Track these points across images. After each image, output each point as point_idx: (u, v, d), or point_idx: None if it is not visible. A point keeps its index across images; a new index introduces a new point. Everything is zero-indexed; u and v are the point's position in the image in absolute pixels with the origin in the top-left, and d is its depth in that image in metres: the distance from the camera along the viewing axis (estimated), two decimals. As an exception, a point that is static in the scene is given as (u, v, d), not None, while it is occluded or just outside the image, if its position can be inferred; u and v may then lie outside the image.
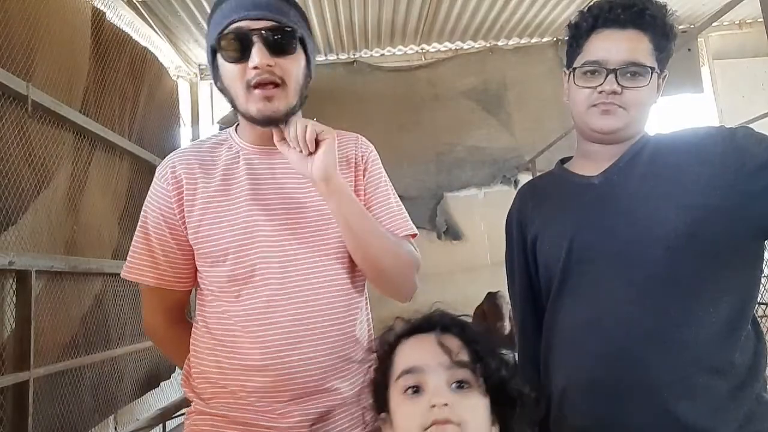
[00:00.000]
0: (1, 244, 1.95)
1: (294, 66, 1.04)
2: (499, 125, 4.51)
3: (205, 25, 3.79)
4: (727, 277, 0.99)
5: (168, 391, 3.36)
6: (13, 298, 2.05)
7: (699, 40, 4.48)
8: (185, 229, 1.09)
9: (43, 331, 2.13)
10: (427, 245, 4.28)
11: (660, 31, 1.06)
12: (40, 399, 2.07)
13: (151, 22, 3.51)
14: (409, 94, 4.53)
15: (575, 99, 1.10)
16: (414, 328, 0.86)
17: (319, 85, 1.12)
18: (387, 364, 0.85)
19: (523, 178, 4.33)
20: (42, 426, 2.08)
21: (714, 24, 3.65)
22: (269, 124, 1.05)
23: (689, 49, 4.34)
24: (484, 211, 4.40)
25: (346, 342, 1.09)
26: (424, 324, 0.85)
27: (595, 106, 1.06)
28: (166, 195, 1.09)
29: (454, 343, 0.81)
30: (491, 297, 3.37)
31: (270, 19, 1.00)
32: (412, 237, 1.26)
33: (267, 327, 1.03)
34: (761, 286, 1.07)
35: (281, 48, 1.01)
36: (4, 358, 1.96)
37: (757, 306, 1.05)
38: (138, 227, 1.14)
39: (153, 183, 1.12)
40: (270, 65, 1.00)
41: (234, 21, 1.00)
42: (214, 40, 1.04)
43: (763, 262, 1.05)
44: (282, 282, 1.04)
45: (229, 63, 1.02)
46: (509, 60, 4.58)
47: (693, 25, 4.38)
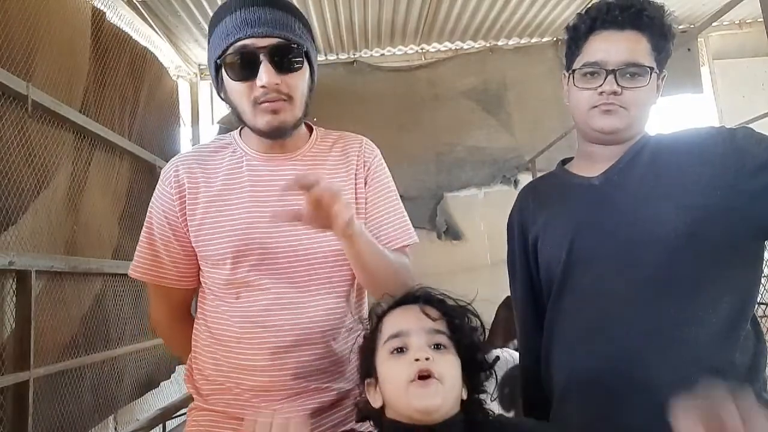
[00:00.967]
0: (1, 244, 1.95)
1: (300, 81, 1.04)
2: (499, 125, 4.51)
3: (205, 25, 3.81)
4: (727, 277, 0.99)
5: (168, 391, 3.35)
6: (13, 298, 2.05)
7: (699, 40, 4.48)
8: (188, 231, 1.10)
9: (43, 331, 2.13)
10: (427, 245, 4.28)
11: (658, 31, 1.06)
12: (40, 399, 2.07)
13: (151, 22, 3.51)
14: (409, 94, 4.52)
15: (576, 101, 1.11)
16: (400, 301, 0.97)
17: (319, 85, 1.12)
18: (375, 333, 0.95)
19: (523, 178, 4.33)
20: (42, 426, 2.08)
21: (714, 24, 3.65)
22: (277, 136, 1.06)
23: (689, 49, 4.34)
24: (484, 211, 4.40)
25: (342, 346, 1.11)
26: (409, 297, 0.97)
27: (596, 107, 1.06)
28: (170, 197, 1.10)
29: (433, 312, 0.93)
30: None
31: (276, 36, 1.00)
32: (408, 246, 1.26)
33: (264, 329, 1.04)
34: (761, 286, 1.07)
35: (288, 65, 1.01)
36: (4, 358, 1.96)
37: (757, 306, 1.05)
38: (144, 227, 1.16)
39: (158, 185, 1.14)
40: (277, 84, 1.00)
41: (240, 39, 0.99)
42: (219, 57, 1.03)
43: (763, 262, 1.06)
44: (280, 288, 1.06)
45: (234, 81, 1.02)
46: (509, 60, 4.58)
47: (693, 25, 4.37)
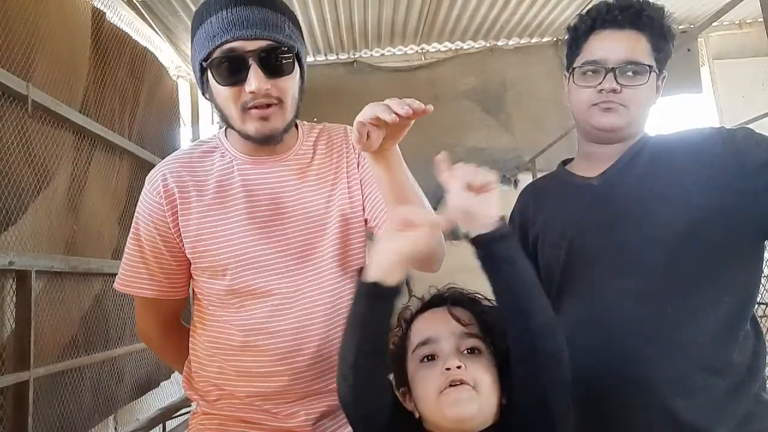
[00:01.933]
0: (1, 244, 1.95)
1: (290, 84, 0.99)
2: (499, 125, 4.51)
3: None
4: (726, 277, 1.00)
5: (168, 391, 3.35)
6: (13, 298, 2.05)
7: (699, 40, 4.47)
8: (181, 241, 1.05)
9: (43, 331, 2.13)
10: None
11: (658, 31, 1.07)
12: (40, 399, 2.07)
13: (151, 22, 3.50)
14: (409, 94, 4.42)
15: (576, 99, 1.11)
16: (427, 304, 0.93)
17: (319, 85, 1.12)
18: (404, 340, 0.91)
19: (523, 178, 4.33)
20: (42, 426, 2.08)
21: (714, 24, 3.65)
22: (266, 142, 1.02)
23: (689, 49, 4.34)
24: (484, 211, 4.39)
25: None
26: (437, 299, 0.92)
27: (596, 104, 1.07)
28: (159, 207, 1.04)
29: (464, 314, 0.88)
30: None
31: (266, 39, 0.94)
32: None
33: (270, 335, 1.03)
34: (761, 286, 1.07)
35: (278, 69, 0.96)
36: (4, 358, 1.96)
37: (756, 306, 1.05)
38: (130, 238, 1.10)
39: (143, 194, 1.07)
40: (267, 88, 0.95)
41: (227, 41, 0.93)
42: (204, 59, 0.96)
43: (763, 262, 1.06)
44: (284, 294, 1.04)
45: (222, 86, 0.96)
46: (509, 60, 4.58)
47: (693, 25, 4.37)
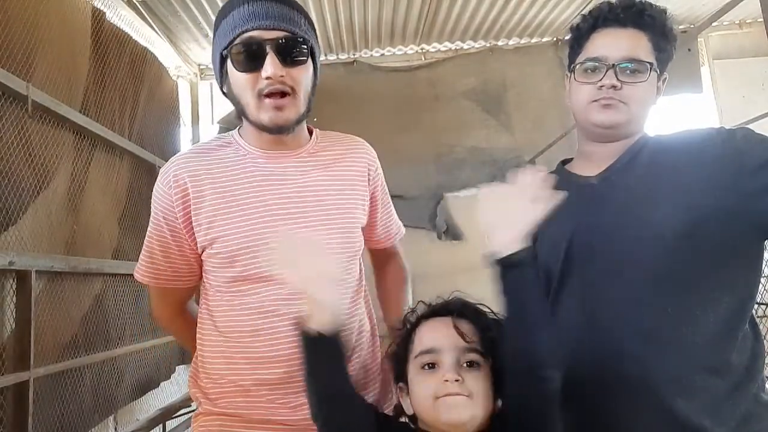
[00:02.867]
0: (1, 244, 1.95)
1: (304, 75, 1.06)
2: (499, 125, 4.50)
3: (205, 25, 3.81)
4: (725, 277, 1.00)
5: (168, 391, 3.35)
6: (13, 298, 2.05)
7: (699, 40, 4.47)
8: (190, 233, 1.09)
9: (43, 331, 2.13)
10: (427, 245, 4.28)
11: (659, 31, 1.07)
12: (40, 399, 2.07)
13: (151, 22, 3.50)
14: (409, 95, 4.52)
15: (576, 96, 1.12)
16: (433, 312, 0.97)
17: (319, 85, 1.13)
18: (408, 341, 0.96)
19: (523, 178, 4.32)
20: (42, 426, 2.08)
21: (714, 24, 3.65)
22: (279, 132, 1.07)
23: (689, 49, 4.34)
24: (484, 211, 4.40)
25: (355, 332, 1.15)
26: (443, 309, 0.96)
27: (596, 101, 1.07)
28: (168, 199, 1.09)
29: (468, 327, 0.92)
30: None
31: (283, 30, 1.02)
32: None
33: (281, 319, 1.06)
34: (761, 286, 1.07)
35: (293, 58, 1.03)
36: (4, 358, 1.96)
37: (756, 306, 1.05)
38: (148, 230, 1.16)
39: (156, 186, 1.13)
40: (282, 76, 1.01)
41: (246, 30, 1.01)
42: (225, 48, 1.04)
43: (763, 262, 1.06)
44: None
45: (240, 72, 1.03)
46: (509, 60, 4.58)
47: (693, 25, 4.37)
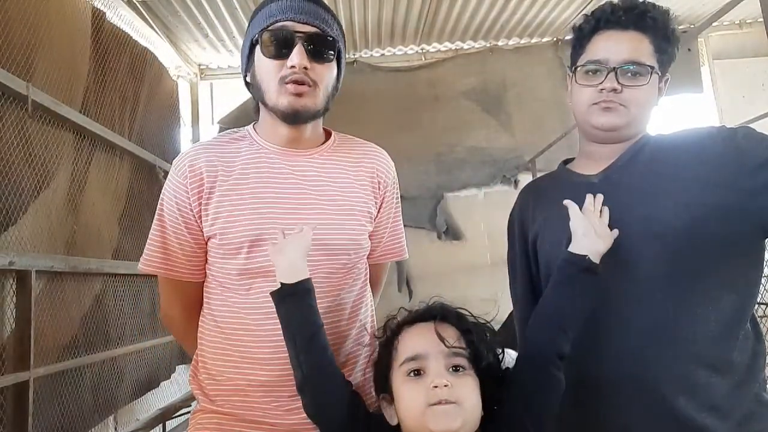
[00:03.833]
0: (1, 244, 1.95)
1: (327, 73, 1.08)
2: (499, 125, 4.51)
3: (205, 25, 3.82)
4: (726, 276, 1.00)
5: (168, 391, 3.35)
6: (13, 298, 2.05)
7: (699, 40, 4.47)
8: (200, 221, 1.10)
9: (43, 331, 2.13)
10: (427, 245, 4.28)
11: (661, 33, 1.07)
12: (40, 399, 2.07)
13: (151, 22, 3.51)
14: (409, 94, 4.52)
15: (577, 97, 1.12)
16: (415, 318, 0.96)
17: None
18: (390, 349, 0.95)
19: (523, 178, 4.33)
20: (42, 426, 2.08)
21: (714, 24, 3.65)
22: (295, 120, 1.08)
23: (689, 49, 4.32)
24: (484, 211, 4.40)
25: (350, 339, 1.14)
26: (425, 314, 0.96)
27: (596, 104, 1.07)
28: (184, 189, 1.10)
29: (451, 331, 0.92)
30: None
31: (314, 26, 1.05)
32: None
33: (277, 321, 1.04)
34: (761, 286, 1.07)
35: (320, 54, 1.06)
36: (4, 358, 1.96)
37: (756, 306, 1.06)
38: (154, 220, 1.15)
39: (170, 176, 1.13)
40: (306, 67, 1.04)
41: (280, 20, 1.05)
42: (257, 34, 1.07)
43: (764, 261, 1.06)
44: None
45: (267, 58, 1.06)
46: (509, 60, 4.58)
47: (693, 25, 4.37)
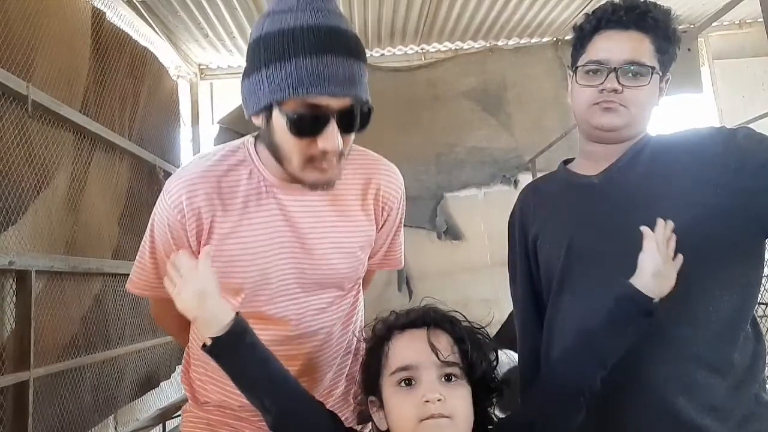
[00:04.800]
0: (1, 244, 1.95)
1: (353, 137, 0.97)
2: (499, 125, 4.51)
3: (205, 25, 3.81)
4: (726, 276, 1.00)
5: (168, 391, 3.36)
6: (13, 298, 2.05)
7: (699, 40, 4.47)
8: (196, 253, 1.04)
9: (43, 331, 2.13)
10: (427, 245, 4.28)
11: (662, 33, 1.07)
12: (40, 399, 2.07)
13: (151, 22, 3.50)
14: (409, 95, 4.52)
15: (578, 97, 1.11)
16: (406, 323, 0.92)
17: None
18: (380, 354, 0.91)
19: (523, 178, 4.33)
20: (42, 426, 2.08)
21: (714, 24, 3.65)
22: (318, 189, 0.99)
23: (689, 49, 4.32)
24: (484, 211, 4.40)
25: (341, 351, 1.14)
26: (417, 320, 0.92)
27: (597, 104, 1.07)
28: (181, 225, 1.01)
29: (444, 340, 0.89)
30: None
31: (350, 96, 0.90)
32: None
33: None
34: (761, 286, 1.07)
35: (353, 127, 0.93)
36: (4, 358, 1.96)
37: (756, 306, 1.06)
38: (145, 243, 1.08)
39: (163, 205, 1.03)
40: (341, 148, 0.92)
41: (312, 95, 0.88)
42: (279, 102, 0.90)
43: (764, 262, 1.06)
44: (288, 323, 1.05)
45: (293, 136, 0.91)
46: (509, 60, 4.58)
47: (693, 25, 4.37)
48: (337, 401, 1.15)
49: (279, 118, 0.92)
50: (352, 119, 0.92)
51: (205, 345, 0.89)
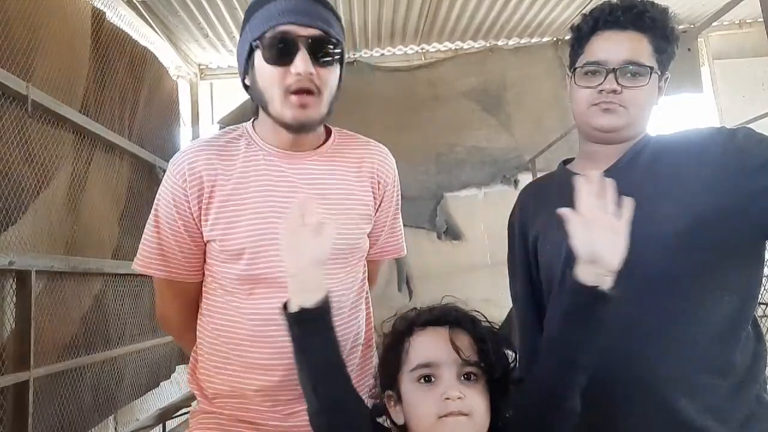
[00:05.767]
0: (1, 244, 1.95)
1: (331, 76, 1.05)
2: (499, 125, 4.51)
3: (205, 25, 3.81)
4: (727, 277, 1.00)
5: (168, 391, 3.36)
6: (13, 298, 2.05)
7: (699, 40, 4.47)
8: (200, 224, 1.08)
9: (43, 331, 2.13)
10: (427, 245, 4.28)
11: (660, 33, 1.06)
12: (40, 399, 2.07)
13: (151, 22, 3.50)
14: (409, 94, 4.52)
15: (577, 99, 1.11)
16: (428, 321, 0.93)
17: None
18: (399, 350, 0.92)
19: (523, 178, 4.33)
20: (42, 426, 2.08)
21: (714, 24, 3.65)
22: (300, 130, 1.06)
23: (689, 49, 4.31)
24: (484, 211, 4.40)
25: (349, 339, 1.13)
26: (439, 318, 0.92)
27: (596, 105, 1.07)
28: (183, 192, 1.07)
29: (465, 339, 0.90)
30: None
31: (317, 28, 1.01)
32: None
33: (279, 327, 1.03)
34: (761, 286, 1.07)
35: (324, 58, 1.02)
36: (4, 358, 1.96)
37: (757, 306, 1.06)
38: (150, 220, 1.13)
39: (167, 178, 1.10)
40: (311, 73, 1.00)
41: (281, 24, 1.00)
42: (257, 39, 1.02)
43: (764, 262, 1.06)
44: None
45: (269, 64, 1.02)
46: (509, 60, 4.58)
47: (693, 25, 4.37)
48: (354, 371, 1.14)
49: (259, 59, 1.03)
50: (321, 47, 1.01)
51: (285, 307, 0.89)
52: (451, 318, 0.92)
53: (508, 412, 0.91)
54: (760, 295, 1.07)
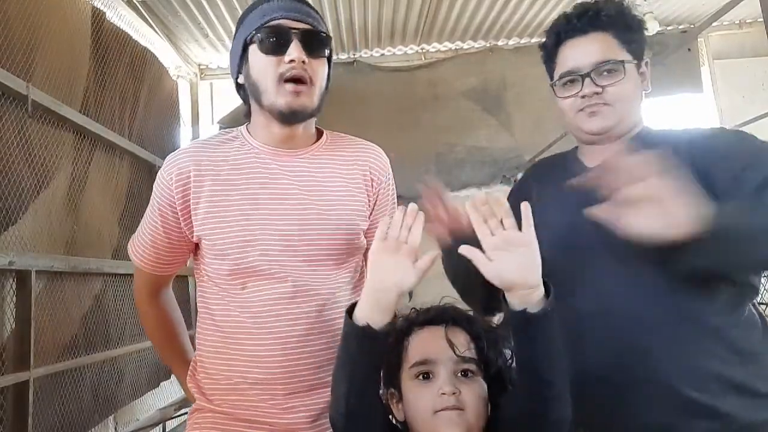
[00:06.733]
0: (1, 244, 1.95)
1: (322, 68, 1.10)
2: (499, 125, 4.51)
3: (205, 25, 3.81)
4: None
5: (168, 391, 3.35)
6: (13, 298, 2.05)
7: (699, 40, 4.48)
8: (187, 222, 1.11)
9: (43, 331, 2.13)
10: (427, 245, 4.27)
11: (622, 25, 1.09)
12: (40, 399, 2.07)
13: (151, 22, 3.51)
14: (409, 94, 4.52)
15: (563, 109, 1.15)
16: (426, 320, 0.96)
17: (320, 86, 1.13)
18: (399, 349, 0.95)
19: (523, 178, 4.33)
20: (42, 426, 2.08)
21: (714, 24, 3.65)
22: (292, 119, 1.08)
23: (689, 49, 4.34)
24: (484, 211, 4.40)
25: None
26: (436, 318, 0.96)
27: (582, 110, 1.10)
28: (168, 187, 1.10)
29: (461, 337, 0.92)
30: None
31: (308, 23, 1.08)
32: None
33: (276, 319, 1.06)
34: (761, 286, 1.07)
35: (315, 49, 1.08)
36: (4, 358, 1.96)
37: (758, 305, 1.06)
38: (148, 216, 1.18)
39: (160, 175, 1.14)
40: (305, 61, 1.05)
41: (275, 18, 1.07)
42: (251, 33, 1.08)
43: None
44: (288, 275, 1.07)
45: (264, 55, 1.06)
46: (509, 60, 4.58)
47: (693, 25, 4.38)
48: None
49: (253, 52, 1.08)
50: (312, 40, 1.08)
51: (352, 312, 0.90)
52: (447, 317, 0.95)
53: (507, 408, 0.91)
54: (760, 295, 1.07)
